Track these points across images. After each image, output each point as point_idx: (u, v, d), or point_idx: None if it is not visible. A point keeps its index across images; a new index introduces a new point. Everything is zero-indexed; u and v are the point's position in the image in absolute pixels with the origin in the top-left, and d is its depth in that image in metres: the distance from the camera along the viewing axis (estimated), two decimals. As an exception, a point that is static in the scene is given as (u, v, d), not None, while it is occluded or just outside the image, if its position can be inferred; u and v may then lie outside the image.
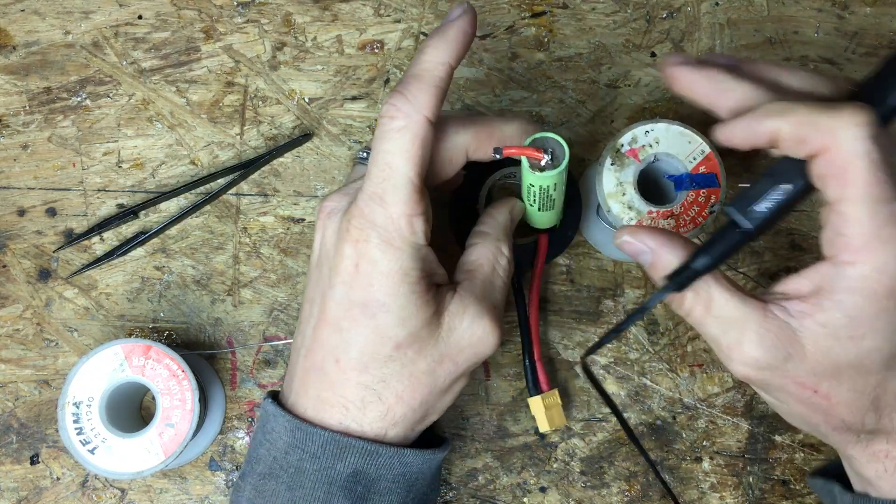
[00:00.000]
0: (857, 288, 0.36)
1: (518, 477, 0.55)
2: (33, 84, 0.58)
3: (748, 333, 0.38)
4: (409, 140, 0.40)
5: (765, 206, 0.37)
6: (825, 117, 0.35)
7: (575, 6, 0.60)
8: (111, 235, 0.56)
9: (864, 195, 0.35)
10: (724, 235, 0.38)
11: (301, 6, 0.59)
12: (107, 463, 0.48)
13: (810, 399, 0.39)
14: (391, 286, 0.41)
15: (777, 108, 0.37)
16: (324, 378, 0.43)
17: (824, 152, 0.35)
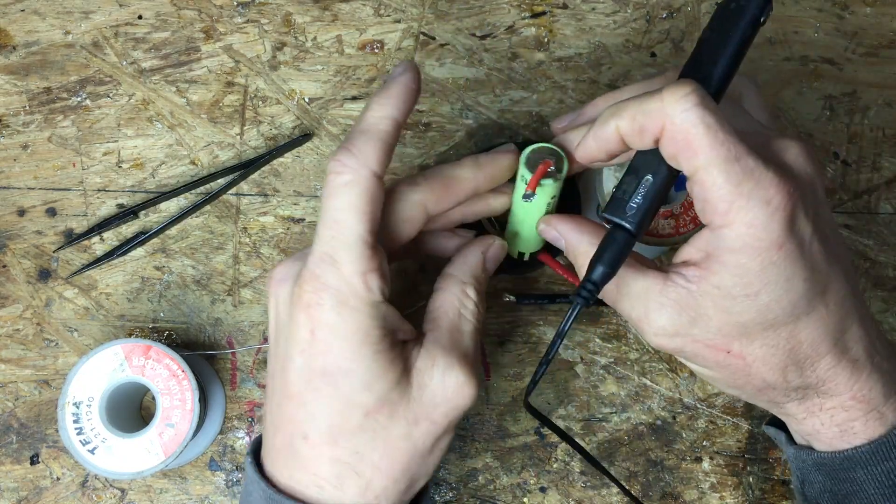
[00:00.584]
0: (738, 248, 0.37)
1: (518, 477, 0.55)
2: (33, 84, 0.58)
3: (652, 304, 0.39)
4: (357, 195, 0.39)
5: (635, 202, 0.39)
6: (652, 101, 0.37)
7: (575, 6, 0.60)
8: (111, 235, 0.56)
9: (712, 159, 0.36)
10: (610, 241, 0.39)
11: (301, 6, 0.59)
12: (107, 463, 0.48)
13: (726, 360, 0.39)
14: (352, 350, 0.39)
15: (611, 110, 0.39)
16: (295, 457, 0.40)
17: (664, 133, 0.37)
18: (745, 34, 0.39)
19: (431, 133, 0.58)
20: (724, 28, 0.39)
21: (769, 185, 0.36)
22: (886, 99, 0.60)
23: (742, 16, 0.39)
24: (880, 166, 0.59)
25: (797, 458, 0.43)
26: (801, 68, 0.60)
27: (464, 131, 0.58)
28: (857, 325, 0.39)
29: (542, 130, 0.58)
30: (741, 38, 0.39)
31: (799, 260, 0.37)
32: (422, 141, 0.58)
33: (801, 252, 0.37)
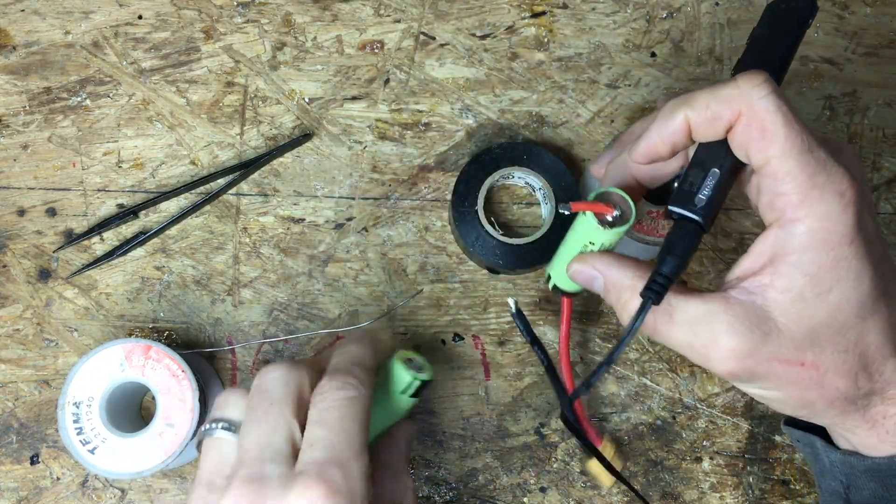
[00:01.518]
0: (809, 243, 0.36)
1: (518, 477, 0.55)
2: (33, 84, 0.58)
3: (718, 326, 0.37)
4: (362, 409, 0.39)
5: (704, 194, 0.38)
6: (727, 88, 0.36)
7: (575, 6, 0.60)
8: (111, 235, 0.56)
9: (788, 148, 0.35)
10: (678, 234, 0.38)
11: (301, 6, 0.59)
12: (107, 463, 0.48)
13: (799, 375, 0.37)
14: None
15: (678, 101, 0.38)
16: None
17: (739, 120, 0.36)
18: (796, 34, 0.39)
19: (431, 133, 0.58)
20: (776, 27, 0.40)
21: (841, 177, 0.35)
22: (886, 99, 0.60)
23: (792, 16, 0.40)
24: (880, 166, 0.59)
25: (845, 463, 0.41)
26: (801, 68, 0.60)
27: (464, 131, 0.58)
28: None
29: (541, 130, 0.58)
30: (793, 37, 0.39)
31: (867, 256, 0.36)
32: (422, 141, 0.58)
33: (868, 248, 0.36)
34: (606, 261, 0.41)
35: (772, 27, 0.40)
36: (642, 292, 0.38)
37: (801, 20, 0.40)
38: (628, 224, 0.41)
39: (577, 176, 0.58)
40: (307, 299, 0.56)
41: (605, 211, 0.40)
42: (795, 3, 0.40)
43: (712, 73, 0.59)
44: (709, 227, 0.38)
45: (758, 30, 0.41)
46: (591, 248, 0.42)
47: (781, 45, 0.40)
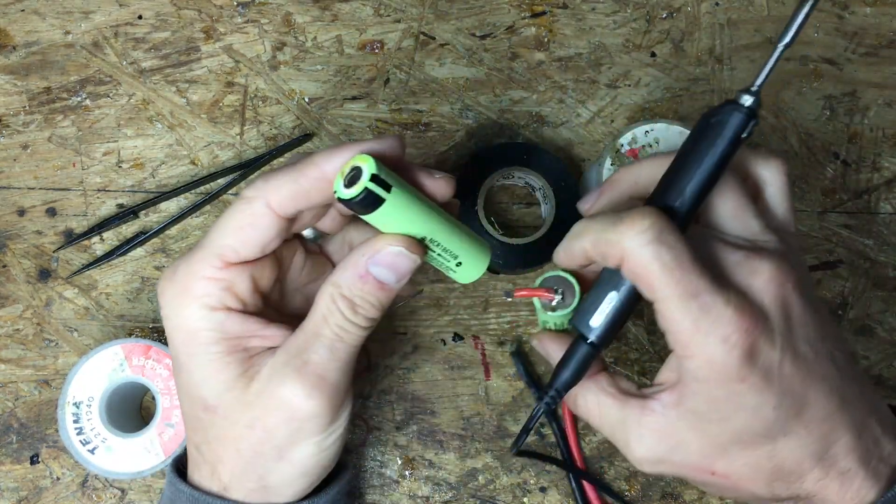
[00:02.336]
0: (702, 377, 0.37)
1: (518, 477, 0.55)
2: (33, 84, 0.58)
3: (632, 434, 0.39)
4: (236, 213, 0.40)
5: (601, 317, 0.39)
6: (611, 232, 0.37)
7: (575, 6, 0.60)
8: (111, 235, 0.56)
9: (669, 296, 0.36)
10: (574, 351, 0.40)
11: (301, 6, 0.59)
12: (107, 463, 0.48)
13: (712, 480, 0.39)
14: (183, 346, 0.41)
15: (577, 229, 0.40)
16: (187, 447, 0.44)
17: (623, 263, 0.37)
18: (724, 152, 0.37)
19: (431, 133, 0.58)
20: (702, 143, 0.37)
21: (727, 322, 0.36)
22: (886, 99, 0.60)
23: (721, 132, 0.37)
24: (880, 166, 0.59)
25: None
26: (801, 68, 0.60)
27: (464, 131, 0.58)
28: (850, 435, 0.38)
29: (541, 130, 0.58)
30: (719, 156, 0.37)
31: (765, 390, 0.37)
32: (421, 141, 0.58)
33: (766, 382, 0.37)
34: (558, 344, 0.43)
35: (697, 144, 0.38)
36: (537, 399, 0.42)
37: (732, 137, 0.37)
38: (570, 308, 0.43)
39: (578, 176, 0.58)
40: (307, 299, 0.56)
41: (546, 297, 0.43)
42: (728, 117, 0.37)
43: (712, 73, 0.59)
44: (603, 347, 0.40)
45: (687, 144, 0.38)
46: (547, 326, 0.45)
47: (703, 165, 0.37)
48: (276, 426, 0.40)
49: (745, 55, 0.60)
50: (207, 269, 0.40)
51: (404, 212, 0.39)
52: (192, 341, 0.40)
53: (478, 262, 0.43)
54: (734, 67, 0.59)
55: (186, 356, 0.41)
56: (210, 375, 0.40)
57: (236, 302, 0.41)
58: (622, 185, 0.43)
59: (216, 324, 0.40)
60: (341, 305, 0.40)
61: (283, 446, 0.41)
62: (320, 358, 0.40)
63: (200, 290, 0.40)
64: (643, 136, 0.50)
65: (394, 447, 0.54)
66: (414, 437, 0.55)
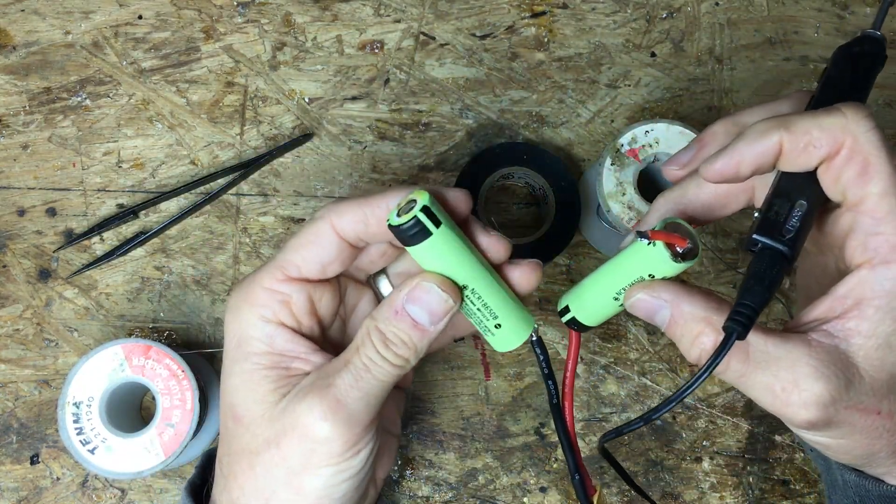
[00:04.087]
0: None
1: (518, 477, 0.55)
2: (33, 84, 0.58)
3: (802, 369, 0.34)
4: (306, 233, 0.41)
5: (791, 225, 0.35)
6: (832, 117, 0.34)
7: (575, 6, 0.60)
8: (111, 235, 0.56)
9: (888, 187, 0.33)
10: (764, 264, 0.35)
11: (301, 6, 0.59)
12: (107, 463, 0.48)
13: (874, 423, 0.35)
14: (233, 351, 0.41)
15: (773, 122, 0.36)
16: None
17: (837, 153, 0.34)
18: (868, 77, 0.39)
19: (431, 133, 0.58)
20: (849, 69, 0.39)
21: None
22: (886, 99, 0.60)
23: (865, 60, 0.39)
24: (880, 166, 0.59)
25: (859, 486, 0.40)
26: (801, 68, 0.60)
27: (464, 131, 0.58)
28: None
29: (541, 130, 0.58)
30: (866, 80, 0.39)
31: None
32: (422, 141, 0.58)
33: None
34: (675, 291, 0.37)
35: (845, 69, 0.39)
36: (725, 324, 0.34)
37: (872, 65, 0.39)
38: (696, 259, 0.37)
39: (578, 176, 0.58)
40: (307, 299, 0.56)
41: (681, 243, 0.36)
42: (869, 48, 0.39)
43: (712, 73, 0.59)
44: (794, 261, 0.35)
45: (832, 70, 0.39)
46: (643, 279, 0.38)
47: (858, 85, 0.38)
48: (290, 446, 0.39)
49: (745, 55, 0.60)
50: (269, 280, 0.41)
51: (448, 252, 0.38)
52: (241, 347, 0.41)
53: (518, 331, 0.41)
54: (734, 67, 0.59)
55: (232, 361, 0.41)
56: (246, 384, 0.40)
57: (291, 319, 0.41)
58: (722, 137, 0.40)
59: (266, 335, 0.40)
60: (374, 338, 0.39)
61: (295, 470, 0.39)
62: (343, 383, 0.39)
63: (259, 300, 0.40)
64: (643, 136, 0.50)
65: (394, 447, 0.54)
66: (414, 437, 0.55)
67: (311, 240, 0.41)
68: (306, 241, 0.41)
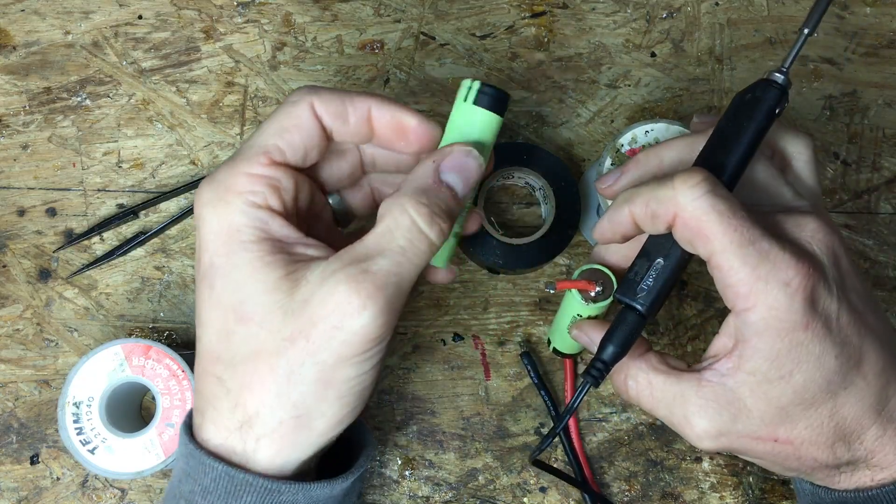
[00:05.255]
0: (763, 330, 0.37)
1: (518, 477, 0.55)
2: (33, 84, 0.58)
3: (691, 407, 0.39)
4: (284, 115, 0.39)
5: (647, 283, 0.39)
6: (664, 190, 0.37)
7: (575, 6, 0.60)
8: (111, 235, 0.56)
9: (726, 244, 0.36)
10: (621, 322, 0.40)
11: (301, 6, 0.59)
12: (107, 463, 0.48)
13: (775, 449, 0.39)
14: (222, 245, 0.37)
15: (625, 196, 0.40)
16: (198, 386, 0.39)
17: (676, 220, 0.37)
18: (761, 125, 0.39)
19: (431, 133, 0.58)
20: (740, 118, 0.39)
21: (786, 266, 0.36)
22: (886, 99, 0.60)
23: (758, 107, 0.39)
24: (880, 166, 0.59)
25: (815, 494, 0.43)
26: (801, 68, 0.60)
27: (464, 131, 0.58)
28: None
29: (541, 130, 0.58)
30: (756, 129, 0.39)
31: (827, 337, 0.37)
32: (422, 141, 0.58)
33: (828, 329, 0.37)
34: (599, 331, 0.42)
35: (735, 119, 0.40)
36: (583, 374, 0.40)
37: (768, 110, 0.39)
38: (609, 299, 0.44)
39: (577, 176, 0.58)
40: (307, 299, 0.56)
41: (588, 288, 0.45)
42: (762, 93, 0.39)
43: (712, 73, 0.59)
44: (651, 316, 0.40)
45: (722, 121, 0.40)
46: (576, 320, 0.47)
47: (743, 137, 0.39)
48: (322, 338, 0.36)
49: (745, 55, 0.60)
50: (253, 166, 0.38)
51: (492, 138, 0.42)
52: (231, 240, 0.37)
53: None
54: (734, 67, 0.60)
55: (224, 257, 0.37)
56: (250, 276, 0.36)
57: (280, 205, 0.38)
58: (646, 166, 0.44)
59: (260, 221, 0.37)
60: (413, 213, 0.37)
61: (327, 364, 0.36)
62: (380, 269, 0.36)
63: (244, 186, 0.38)
64: (643, 136, 0.50)
65: (394, 447, 0.54)
66: (414, 437, 0.55)
67: (294, 123, 0.39)
68: (289, 124, 0.39)
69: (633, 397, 0.41)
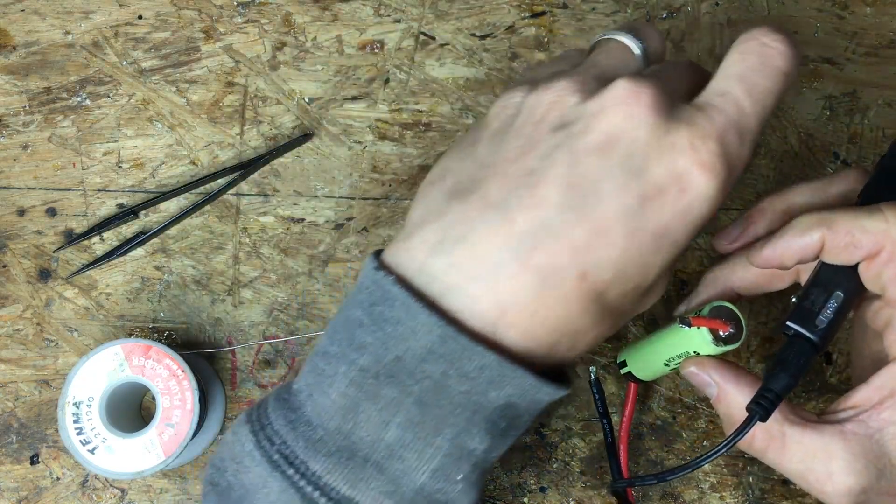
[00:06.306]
0: None
1: (518, 477, 0.55)
2: (33, 84, 0.58)
3: (836, 462, 0.36)
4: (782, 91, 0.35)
5: (825, 316, 0.37)
6: (873, 220, 0.36)
7: (575, 6, 0.60)
8: (111, 235, 0.56)
9: None
10: (793, 352, 0.37)
11: (301, 6, 0.59)
12: (107, 463, 0.48)
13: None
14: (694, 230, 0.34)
15: (817, 219, 0.37)
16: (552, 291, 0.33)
17: (878, 253, 0.36)
18: None
19: (431, 133, 0.58)
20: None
21: None
22: (886, 99, 0.60)
23: None
24: (880, 166, 0.59)
25: None
26: (800, 68, 0.60)
27: (464, 131, 0.58)
28: None
29: (542, 130, 0.58)
30: None
31: None
32: (422, 141, 0.58)
33: None
34: (723, 373, 0.40)
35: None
36: (749, 405, 0.37)
37: None
38: (738, 343, 0.41)
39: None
40: (307, 299, 0.56)
41: (723, 328, 0.40)
42: None
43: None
44: (822, 351, 0.38)
45: (886, 159, 0.39)
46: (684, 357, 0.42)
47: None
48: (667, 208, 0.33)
49: (745, 55, 0.60)
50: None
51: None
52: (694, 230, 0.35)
53: None
54: (734, 67, 0.59)
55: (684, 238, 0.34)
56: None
57: None
58: (773, 213, 0.42)
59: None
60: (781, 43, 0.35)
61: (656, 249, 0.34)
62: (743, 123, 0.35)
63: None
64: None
65: (394, 447, 0.54)
66: (414, 437, 0.55)
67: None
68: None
69: (757, 449, 0.38)
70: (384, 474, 0.33)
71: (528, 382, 0.33)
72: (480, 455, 0.34)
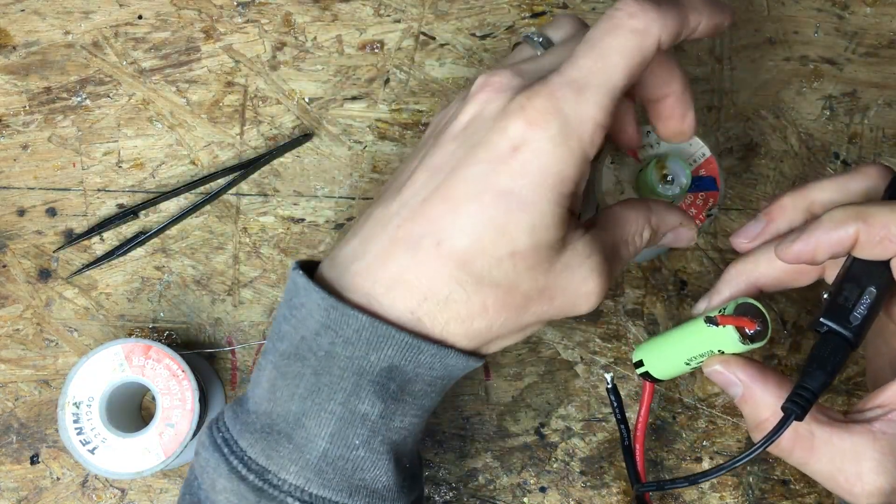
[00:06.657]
0: None
1: (518, 477, 0.55)
2: (33, 84, 0.58)
3: (866, 463, 0.36)
4: (636, 46, 0.35)
5: (859, 312, 0.36)
6: None
7: (575, 6, 0.60)
8: (111, 235, 0.56)
9: None
10: (828, 349, 0.37)
11: (301, 6, 0.59)
12: (107, 463, 0.48)
13: None
14: (543, 188, 0.35)
15: (851, 213, 0.37)
16: (414, 258, 0.36)
17: None
18: None
19: (431, 133, 0.58)
20: None
21: None
22: (886, 99, 0.60)
23: None
24: (880, 166, 0.59)
25: None
26: (801, 68, 0.60)
27: (464, 131, 0.58)
28: None
29: (542, 130, 0.58)
30: None
31: None
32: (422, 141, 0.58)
33: None
34: (749, 372, 0.39)
35: None
36: (784, 405, 0.36)
37: None
38: (764, 341, 0.40)
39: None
40: (307, 299, 0.56)
41: (749, 326, 0.39)
42: None
43: (712, 73, 0.59)
44: (857, 347, 0.37)
45: None
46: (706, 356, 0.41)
47: None
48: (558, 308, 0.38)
49: (745, 55, 0.60)
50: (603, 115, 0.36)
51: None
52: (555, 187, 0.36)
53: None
54: (734, 67, 0.59)
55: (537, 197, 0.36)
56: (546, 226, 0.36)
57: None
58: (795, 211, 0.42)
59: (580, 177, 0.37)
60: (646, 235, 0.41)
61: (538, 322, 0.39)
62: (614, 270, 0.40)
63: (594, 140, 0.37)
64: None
65: (394, 447, 0.54)
66: (414, 437, 0.55)
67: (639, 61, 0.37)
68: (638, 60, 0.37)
69: (783, 449, 0.38)
70: (291, 443, 0.37)
71: (404, 341, 0.36)
72: (377, 419, 0.37)
